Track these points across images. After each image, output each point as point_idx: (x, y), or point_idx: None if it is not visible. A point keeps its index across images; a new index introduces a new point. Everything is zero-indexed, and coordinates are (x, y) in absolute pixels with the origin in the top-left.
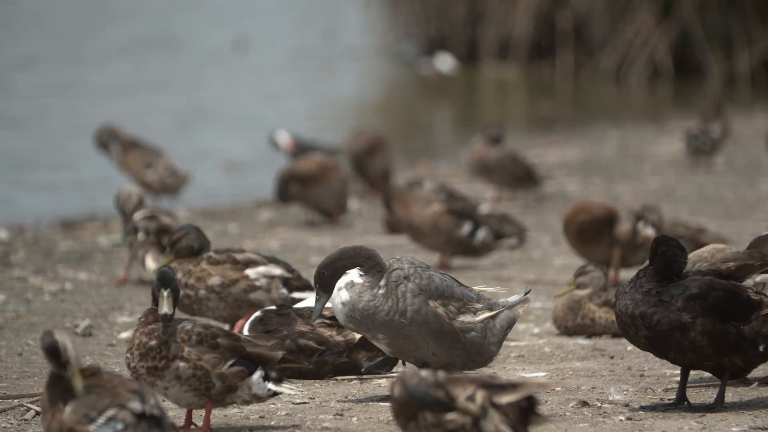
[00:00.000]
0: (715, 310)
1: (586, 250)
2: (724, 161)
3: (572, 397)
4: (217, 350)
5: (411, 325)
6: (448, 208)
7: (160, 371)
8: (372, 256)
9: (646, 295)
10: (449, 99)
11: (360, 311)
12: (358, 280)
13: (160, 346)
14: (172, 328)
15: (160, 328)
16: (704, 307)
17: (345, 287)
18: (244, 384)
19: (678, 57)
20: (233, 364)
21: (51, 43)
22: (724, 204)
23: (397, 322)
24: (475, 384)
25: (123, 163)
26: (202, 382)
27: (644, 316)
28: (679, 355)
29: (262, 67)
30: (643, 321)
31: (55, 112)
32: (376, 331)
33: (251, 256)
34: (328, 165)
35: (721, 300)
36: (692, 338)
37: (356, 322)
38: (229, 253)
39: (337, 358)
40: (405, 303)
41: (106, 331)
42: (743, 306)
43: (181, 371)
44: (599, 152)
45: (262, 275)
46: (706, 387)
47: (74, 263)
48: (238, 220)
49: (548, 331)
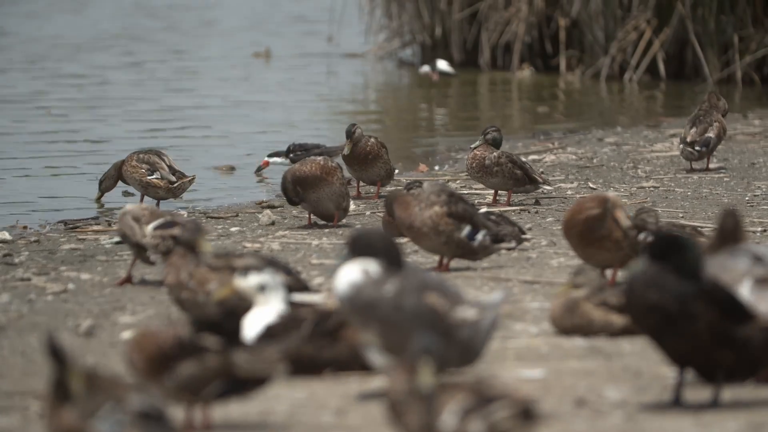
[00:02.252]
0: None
1: (588, 252)
2: (720, 163)
3: (569, 397)
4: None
5: (405, 318)
6: (449, 210)
7: None
8: (400, 256)
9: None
10: (448, 102)
11: (363, 300)
12: (374, 270)
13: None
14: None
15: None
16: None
17: (359, 270)
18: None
19: (674, 61)
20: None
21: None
22: (719, 206)
23: (392, 315)
24: (464, 391)
25: (122, 167)
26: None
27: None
28: (679, 343)
29: (265, 72)
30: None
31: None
32: (369, 322)
33: (250, 261)
34: (329, 167)
35: (728, 299)
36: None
37: (354, 307)
38: (228, 258)
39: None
40: (403, 296)
41: (108, 332)
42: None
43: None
44: (596, 155)
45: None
46: (703, 386)
47: (77, 264)
48: (239, 222)
49: (546, 331)
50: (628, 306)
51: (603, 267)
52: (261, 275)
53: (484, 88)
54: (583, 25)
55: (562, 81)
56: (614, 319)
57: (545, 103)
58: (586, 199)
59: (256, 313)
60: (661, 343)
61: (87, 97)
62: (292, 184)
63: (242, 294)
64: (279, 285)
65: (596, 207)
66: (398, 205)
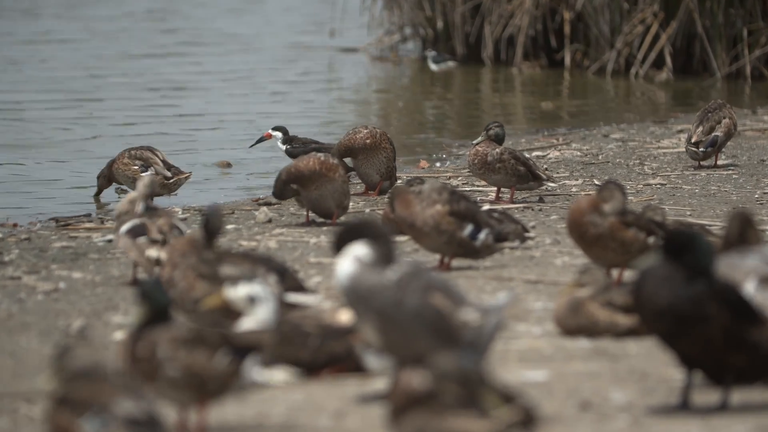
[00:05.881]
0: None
1: (593, 252)
2: (728, 160)
3: (573, 400)
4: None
5: (408, 317)
6: (450, 209)
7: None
8: (384, 231)
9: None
10: (450, 98)
11: (364, 289)
12: (365, 254)
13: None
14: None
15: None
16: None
17: (353, 259)
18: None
19: (681, 56)
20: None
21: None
22: (728, 203)
23: (392, 310)
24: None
25: (114, 164)
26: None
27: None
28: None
29: (262, 65)
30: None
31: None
32: (368, 314)
33: (239, 270)
34: (330, 163)
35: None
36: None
37: (358, 297)
38: (217, 264)
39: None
40: (406, 293)
41: (100, 332)
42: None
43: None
44: (602, 151)
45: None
46: (712, 389)
47: (68, 262)
48: (235, 220)
49: (549, 332)
50: (637, 305)
51: (611, 267)
52: (251, 285)
53: (486, 83)
54: (589, 19)
55: (566, 75)
56: (620, 319)
57: (549, 98)
58: (582, 199)
59: (244, 326)
60: (670, 344)
61: (81, 88)
62: (286, 180)
63: (231, 305)
64: (269, 297)
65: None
66: (399, 202)
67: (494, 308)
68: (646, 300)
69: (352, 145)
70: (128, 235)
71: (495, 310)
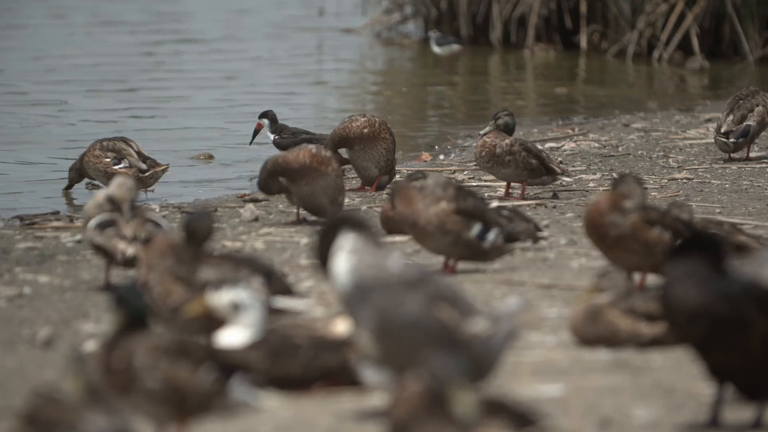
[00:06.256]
0: None
1: (614, 254)
2: (762, 152)
3: (592, 417)
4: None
5: (406, 325)
6: (457, 206)
7: None
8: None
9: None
10: (455, 83)
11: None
12: (359, 245)
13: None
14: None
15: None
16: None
17: (346, 255)
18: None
19: (709, 37)
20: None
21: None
22: (761, 200)
23: (393, 309)
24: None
25: (84, 157)
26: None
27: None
28: (728, 353)
29: (250, 50)
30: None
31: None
32: (368, 313)
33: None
34: (323, 156)
35: None
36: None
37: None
38: (197, 267)
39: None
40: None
41: (69, 341)
42: None
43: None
44: (622, 142)
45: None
46: (743, 404)
47: (34, 265)
48: (218, 218)
49: (565, 342)
50: (666, 309)
51: (632, 270)
52: (236, 291)
53: (495, 67)
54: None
55: (583, 59)
56: (643, 328)
57: (564, 84)
58: (600, 197)
59: (228, 335)
60: (703, 353)
61: (53, 81)
62: (272, 171)
63: (214, 312)
64: (256, 303)
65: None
66: (401, 199)
67: (504, 316)
68: (676, 302)
69: (348, 135)
70: (97, 229)
71: (505, 317)
